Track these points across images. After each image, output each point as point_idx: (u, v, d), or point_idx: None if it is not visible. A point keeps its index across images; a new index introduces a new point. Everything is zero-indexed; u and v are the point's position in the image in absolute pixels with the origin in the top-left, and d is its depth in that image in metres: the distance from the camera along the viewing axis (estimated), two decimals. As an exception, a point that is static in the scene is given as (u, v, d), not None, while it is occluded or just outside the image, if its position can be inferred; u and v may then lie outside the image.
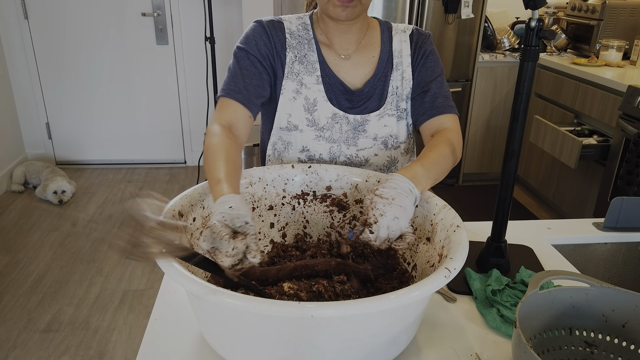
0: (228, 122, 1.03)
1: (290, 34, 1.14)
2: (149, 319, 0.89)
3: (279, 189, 1.03)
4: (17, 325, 2.19)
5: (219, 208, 0.77)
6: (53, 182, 3.29)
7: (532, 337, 0.77)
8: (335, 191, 1.04)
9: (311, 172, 1.04)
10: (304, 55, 1.14)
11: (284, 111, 1.15)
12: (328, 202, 1.04)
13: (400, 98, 1.17)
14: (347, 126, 1.16)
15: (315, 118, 1.15)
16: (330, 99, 1.15)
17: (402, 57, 1.17)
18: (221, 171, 0.88)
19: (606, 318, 0.79)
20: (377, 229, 0.80)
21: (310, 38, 1.15)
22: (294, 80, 1.13)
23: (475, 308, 0.94)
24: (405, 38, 1.18)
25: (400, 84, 1.17)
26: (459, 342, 0.85)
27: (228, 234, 0.72)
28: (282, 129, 1.16)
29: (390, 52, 1.17)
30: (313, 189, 1.04)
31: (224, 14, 3.64)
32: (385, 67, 1.17)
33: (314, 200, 1.05)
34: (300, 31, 1.15)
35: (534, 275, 0.79)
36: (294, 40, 1.14)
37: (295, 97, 1.14)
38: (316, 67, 1.14)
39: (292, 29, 1.14)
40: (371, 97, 1.16)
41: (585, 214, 2.89)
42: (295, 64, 1.13)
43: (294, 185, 1.04)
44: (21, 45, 3.60)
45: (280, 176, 1.04)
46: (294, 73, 1.13)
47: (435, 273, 0.68)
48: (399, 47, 1.17)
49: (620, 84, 2.56)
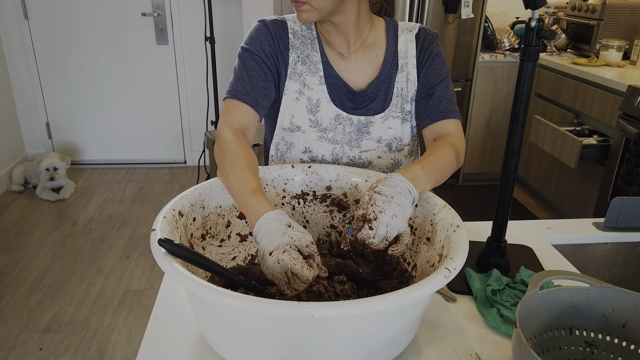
0: (240, 126, 1.02)
1: (293, 34, 1.13)
2: (149, 319, 0.89)
3: (279, 189, 1.03)
4: (17, 325, 2.19)
5: (280, 229, 0.78)
6: (45, 159, 3.27)
7: (532, 337, 0.77)
8: (335, 191, 1.04)
9: (311, 172, 1.04)
10: (307, 55, 1.13)
11: (287, 112, 1.14)
12: (328, 202, 1.04)
13: (405, 100, 1.15)
14: (351, 127, 1.14)
15: (318, 119, 1.14)
16: (333, 99, 1.13)
17: (408, 58, 1.15)
18: (253, 182, 0.88)
19: (606, 318, 0.79)
20: (377, 225, 0.81)
21: (313, 38, 1.13)
22: (297, 80, 1.12)
23: (475, 308, 0.94)
24: (411, 38, 1.15)
25: (405, 86, 1.15)
26: (459, 342, 0.85)
27: (304, 261, 0.75)
28: (284, 130, 1.16)
29: (396, 53, 1.15)
30: (313, 189, 1.04)
31: (224, 13, 3.64)
32: (390, 68, 1.15)
33: (314, 200, 1.05)
34: (303, 30, 1.13)
35: (534, 275, 0.79)
36: (297, 40, 1.12)
37: (298, 97, 1.13)
38: (319, 68, 1.13)
39: (296, 29, 1.13)
40: (375, 99, 1.15)
41: (585, 213, 2.89)
42: (298, 65, 1.12)
43: (294, 185, 1.04)
44: (21, 45, 3.60)
45: (280, 176, 1.04)
46: (296, 74, 1.12)
47: (435, 273, 0.68)
48: (405, 48, 1.15)
49: (620, 84, 2.56)
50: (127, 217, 3.17)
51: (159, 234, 0.74)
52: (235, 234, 0.97)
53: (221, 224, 0.95)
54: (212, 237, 0.93)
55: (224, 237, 0.95)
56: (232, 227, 0.97)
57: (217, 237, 0.94)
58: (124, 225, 3.07)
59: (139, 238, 2.93)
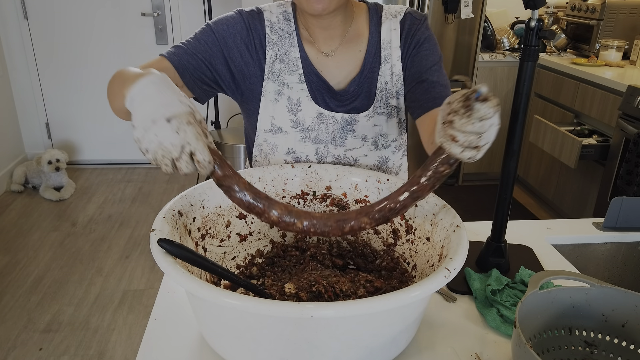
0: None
1: (270, 27, 1.05)
2: (149, 319, 0.89)
3: (278, 189, 1.03)
4: (17, 325, 2.19)
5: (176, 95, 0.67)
6: (46, 153, 3.33)
7: (532, 337, 0.77)
8: (335, 191, 1.04)
9: (311, 172, 1.04)
10: (285, 52, 1.05)
11: (267, 113, 1.09)
12: (328, 202, 1.04)
13: (390, 94, 1.08)
14: (334, 126, 1.08)
15: (300, 119, 1.08)
16: (314, 98, 1.07)
17: (392, 49, 1.06)
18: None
19: (606, 318, 0.79)
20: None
21: (291, 31, 1.06)
22: (275, 80, 1.06)
23: (475, 308, 0.94)
24: (395, 25, 1.06)
25: (390, 79, 1.07)
26: (459, 342, 0.85)
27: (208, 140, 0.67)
28: (266, 132, 1.10)
29: (379, 44, 1.07)
30: (313, 189, 1.04)
31: (223, 13, 3.64)
32: (373, 62, 1.07)
33: (313, 200, 1.05)
34: (281, 22, 1.06)
35: (534, 275, 0.79)
36: (274, 35, 1.05)
37: (277, 98, 1.07)
38: (298, 65, 1.06)
39: (273, 20, 1.05)
40: (358, 97, 1.08)
41: (585, 213, 2.89)
42: (276, 63, 1.05)
43: (293, 185, 1.04)
44: (21, 45, 3.60)
45: (280, 176, 1.03)
46: (274, 73, 1.06)
47: (435, 273, 0.68)
48: (388, 37, 1.06)
49: (620, 84, 2.56)
50: (126, 217, 3.17)
51: (158, 234, 0.74)
52: (235, 234, 0.97)
53: (221, 224, 0.95)
54: (212, 237, 0.93)
55: (223, 237, 0.95)
56: (232, 227, 0.97)
57: (217, 237, 0.94)
58: (124, 225, 3.07)
59: (139, 238, 2.93)
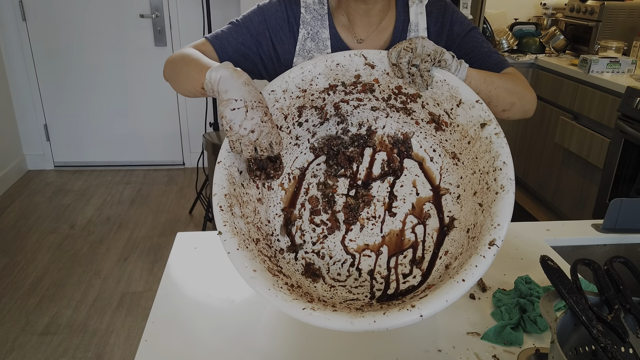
0: None
1: (305, 7, 1.10)
2: (147, 322, 0.88)
3: (306, 91, 0.98)
4: (15, 328, 2.18)
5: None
6: None
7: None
8: (364, 78, 0.97)
9: (335, 65, 0.97)
10: (316, 32, 1.10)
11: None
12: (359, 88, 0.98)
13: None
14: None
15: None
16: None
17: (419, 31, 1.09)
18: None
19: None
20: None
21: (324, 14, 1.10)
22: (305, 57, 1.10)
23: (475, 307, 0.94)
24: (421, 9, 1.10)
25: None
26: (460, 342, 0.85)
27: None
28: None
29: (405, 27, 1.10)
30: (341, 80, 0.98)
31: (222, 15, 3.63)
32: (400, 40, 1.09)
33: (344, 90, 0.99)
34: (315, 4, 1.10)
35: (542, 299, 0.75)
36: (308, 15, 1.10)
37: None
38: (327, 45, 1.10)
39: (308, 2, 1.10)
40: None
41: (584, 215, 2.89)
42: (307, 41, 1.10)
43: (318, 83, 0.98)
44: (19, 47, 3.59)
45: (304, 80, 0.97)
46: (305, 50, 1.10)
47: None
48: (415, 20, 1.10)
49: (619, 85, 2.56)
50: (125, 219, 3.17)
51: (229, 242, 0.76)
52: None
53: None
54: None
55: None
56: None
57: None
58: (122, 227, 3.06)
59: (137, 240, 2.92)
